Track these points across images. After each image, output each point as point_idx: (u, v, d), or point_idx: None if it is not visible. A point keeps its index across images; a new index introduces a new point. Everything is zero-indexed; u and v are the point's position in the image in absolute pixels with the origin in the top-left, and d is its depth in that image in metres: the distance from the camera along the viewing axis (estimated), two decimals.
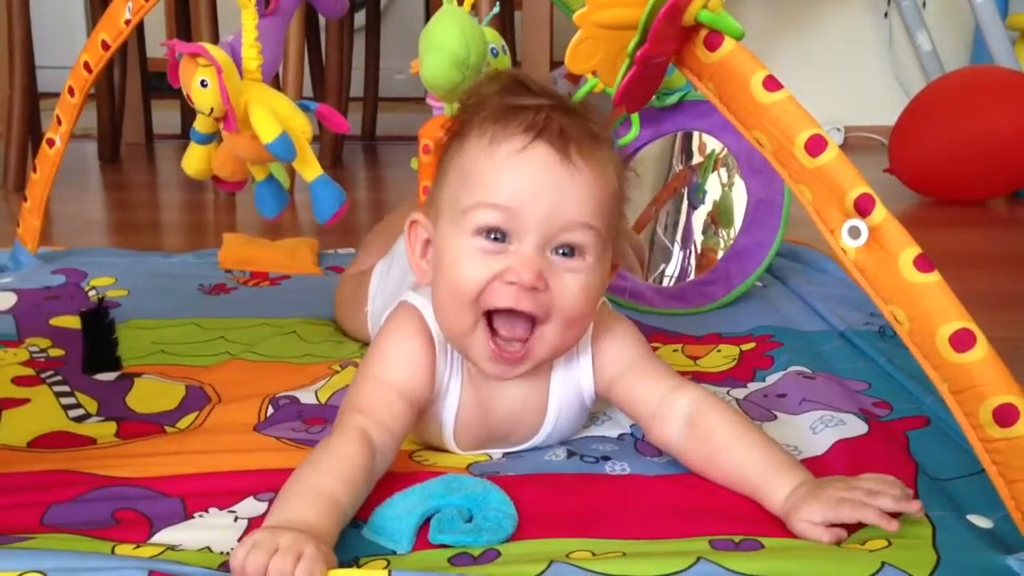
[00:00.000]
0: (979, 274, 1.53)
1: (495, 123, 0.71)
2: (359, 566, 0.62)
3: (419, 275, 0.77)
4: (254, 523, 0.67)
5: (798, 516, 0.65)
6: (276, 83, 1.90)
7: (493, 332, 0.72)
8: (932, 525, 0.65)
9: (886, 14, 2.91)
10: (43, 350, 1.02)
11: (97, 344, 1.04)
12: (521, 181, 0.69)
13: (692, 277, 1.27)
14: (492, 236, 0.70)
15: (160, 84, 1.12)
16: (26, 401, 0.89)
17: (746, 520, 0.67)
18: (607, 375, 0.78)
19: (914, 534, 0.64)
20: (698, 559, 0.60)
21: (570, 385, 0.79)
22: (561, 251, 0.71)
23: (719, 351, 1.05)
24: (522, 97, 0.72)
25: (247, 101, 0.97)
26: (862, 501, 0.63)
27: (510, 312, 0.71)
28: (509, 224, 0.69)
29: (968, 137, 2.00)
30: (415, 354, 0.75)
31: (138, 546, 0.64)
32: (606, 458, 0.78)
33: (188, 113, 1.00)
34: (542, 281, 0.70)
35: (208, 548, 0.64)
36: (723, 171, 1.27)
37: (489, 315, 0.72)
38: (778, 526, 0.67)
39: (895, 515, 0.63)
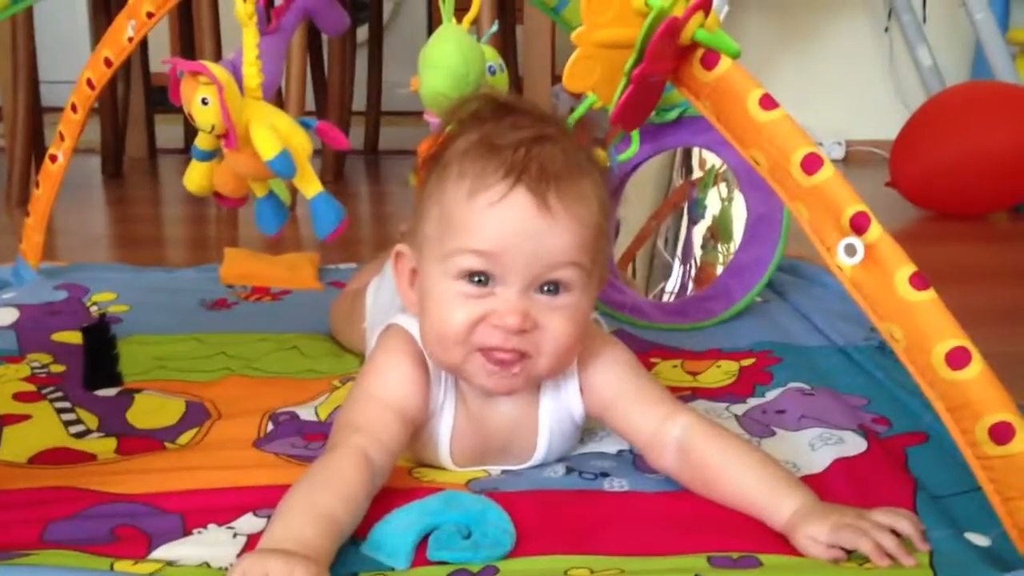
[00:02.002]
0: (980, 288, 1.53)
1: (474, 164, 0.70)
2: None
3: (408, 305, 0.78)
4: (253, 539, 0.67)
5: (803, 532, 0.65)
6: (278, 98, 1.92)
7: (485, 351, 0.72)
8: (930, 544, 0.65)
9: (887, 29, 2.92)
10: (44, 366, 1.03)
11: (98, 360, 1.04)
12: (502, 229, 0.69)
13: (692, 292, 1.28)
14: (476, 279, 0.71)
15: (163, 99, 1.12)
16: (27, 417, 0.89)
17: (745, 536, 0.68)
18: (598, 401, 0.79)
19: (913, 554, 0.64)
20: None
21: (559, 407, 0.79)
22: (546, 288, 0.71)
23: (719, 366, 1.05)
24: (502, 130, 0.72)
25: (248, 119, 0.98)
26: (864, 531, 0.63)
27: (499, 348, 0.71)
28: (492, 268, 0.70)
29: (969, 152, 2.00)
30: (409, 375, 0.76)
31: (137, 562, 0.64)
32: (605, 474, 0.78)
33: (191, 128, 1.01)
34: (529, 321, 0.70)
35: (207, 564, 0.64)
36: (723, 186, 1.28)
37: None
38: (777, 541, 0.67)
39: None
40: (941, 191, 2.07)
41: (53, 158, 1.29)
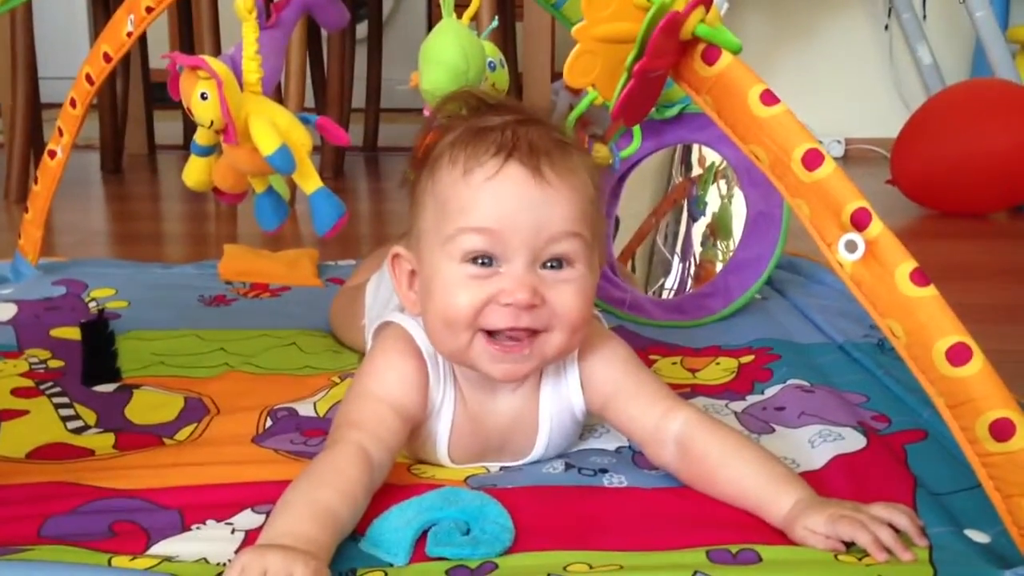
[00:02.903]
0: (980, 286, 1.53)
1: (465, 148, 0.71)
2: None
3: (408, 307, 0.78)
4: (251, 535, 0.67)
5: (800, 524, 0.65)
6: (278, 94, 1.91)
7: (491, 336, 0.72)
8: (929, 540, 0.65)
9: (887, 26, 2.92)
10: (43, 361, 1.03)
11: (97, 355, 1.04)
12: (500, 204, 0.70)
13: (691, 289, 1.28)
14: (480, 261, 0.71)
15: (163, 95, 1.12)
16: (25, 412, 0.89)
17: (743, 528, 0.68)
18: (598, 396, 0.79)
19: (913, 548, 0.64)
20: (695, 573, 0.60)
21: (560, 401, 0.79)
22: (551, 264, 0.71)
23: (718, 364, 1.05)
24: (486, 116, 0.73)
25: (247, 114, 0.97)
26: (862, 523, 0.63)
27: (510, 329, 0.71)
28: (495, 247, 0.70)
29: (971, 151, 2.00)
30: (408, 373, 0.76)
31: (135, 558, 0.64)
32: (604, 471, 0.78)
33: (190, 124, 1.00)
34: (538, 297, 0.70)
35: (205, 560, 0.64)
36: (723, 183, 1.28)
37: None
38: (776, 536, 0.67)
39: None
40: (942, 189, 2.07)
41: (52, 154, 1.28)
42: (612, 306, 1.21)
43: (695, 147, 1.28)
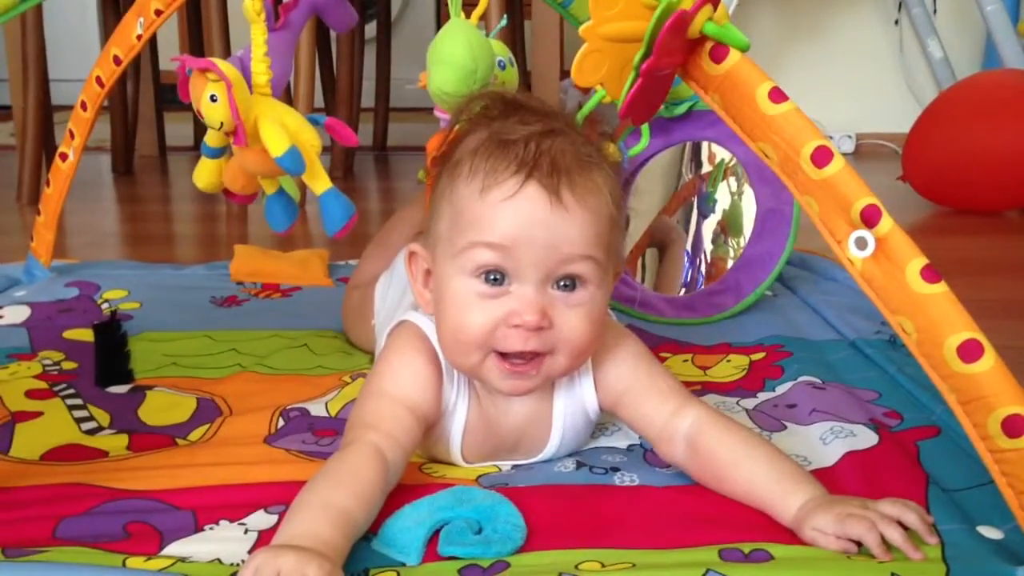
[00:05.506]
0: (992, 283, 1.53)
1: (485, 160, 0.70)
2: None
3: (423, 305, 0.78)
4: (264, 535, 0.67)
5: (809, 525, 0.65)
6: (288, 95, 1.92)
7: (502, 355, 0.72)
8: (941, 537, 0.65)
9: (897, 21, 2.91)
10: (56, 363, 1.03)
11: (110, 357, 1.04)
12: (515, 224, 0.69)
13: (702, 287, 1.27)
14: (491, 277, 0.70)
15: (173, 97, 1.13)
16: (39, 414, 0.89)
17: (755, 528, 0.68)
18: (611, 394, 0.79)
19: (924, 546, 0.63)
20: (707, 571, 0.60)
21: (573, 402, 0.79)
22: (562, 284, 0.71)
23: (729, 361, 1.05)
24: (511, 126, 0.72)
25: (257, 115, 0.98)
26: (870, 522, 0.63)
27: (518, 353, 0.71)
28: (507, 263, 0.70)
29: (984, 147, 1.98)
30: (422, 373, 0.76)
31: (149, 559, 0.64)
32: (615, 469, 0.78)
33: (201, 126, 1.01)
34: (547, 319, 0.70)
35: (219, 560, 0.65)
36: (732, 180, 1.27)
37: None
38: (789, 534, 0.67)
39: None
40: (954, 186, 2.05)
41: (63, 156, 1.29)
42: (623, 304, 1.21)
43: (704, 144, 1.28)
